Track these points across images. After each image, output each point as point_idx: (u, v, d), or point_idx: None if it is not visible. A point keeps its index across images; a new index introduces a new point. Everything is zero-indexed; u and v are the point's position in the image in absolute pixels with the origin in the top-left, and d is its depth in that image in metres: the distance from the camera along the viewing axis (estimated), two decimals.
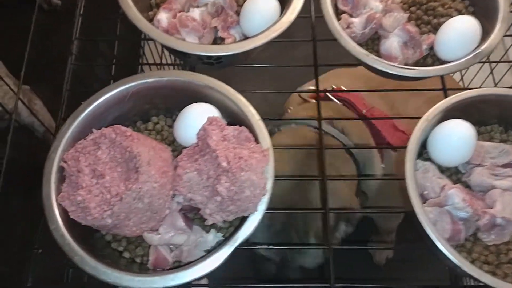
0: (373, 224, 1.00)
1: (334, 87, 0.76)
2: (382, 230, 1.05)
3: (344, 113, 0.77)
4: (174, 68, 1.25)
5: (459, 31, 0.62)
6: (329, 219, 0.58)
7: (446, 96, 0.67)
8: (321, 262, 0.67)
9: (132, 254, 0.54)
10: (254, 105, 0.54)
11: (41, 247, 0.59)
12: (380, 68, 0.60)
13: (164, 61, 1.10)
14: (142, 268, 0.54)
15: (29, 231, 0.73)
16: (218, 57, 0.62)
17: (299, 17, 0.62)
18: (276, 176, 0.50)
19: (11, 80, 1.02)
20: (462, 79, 0.98)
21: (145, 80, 0.57)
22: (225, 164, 0.48)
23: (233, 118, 0.55)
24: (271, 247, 0.57)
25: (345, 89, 0.76)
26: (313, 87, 0.82)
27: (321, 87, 0.70)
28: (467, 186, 0.57)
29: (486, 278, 0.49)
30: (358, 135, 0.77)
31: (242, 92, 0.56)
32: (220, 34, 0.64)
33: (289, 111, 0.85)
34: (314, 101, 0.79)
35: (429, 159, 0.59)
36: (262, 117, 0.54)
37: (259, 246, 0.55)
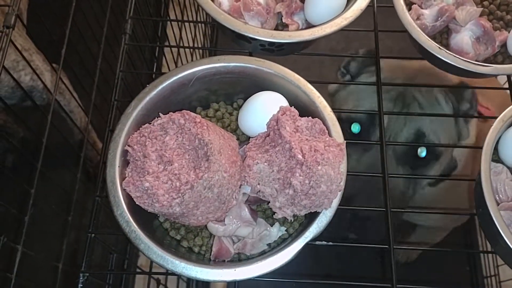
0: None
1: None
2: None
3: None
4: (206, 51, 1.23)
5: None
6: (391, 218, 0.57)
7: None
8: None
9: (190, 244, 0.53)
10: None
11: (94, 231, 0.57)
12: (453, 63, 0.57)
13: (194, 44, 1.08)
14: (200, 259, 0.53)
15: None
16: (281, 44, 0.60)
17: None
18: None
19: (40, 56, 1.01)
20: None
21: (212, 65, 0.54)
22: (300, 157, 0.46)
23: (302, 109, 0.53)
24: (330, 243, 0.56)
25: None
26: None
27: None
28: None
29: None
30: None
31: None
32: (283, 20, 0.62)
33: None
34: None
35: (498, 160, 0.57)
36: None
37: (317, 242, 0.54)
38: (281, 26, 0.63)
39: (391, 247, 0.56)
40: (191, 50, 1.13)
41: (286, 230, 0.52)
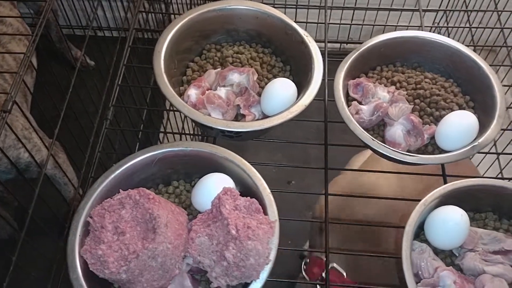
0: None
1: None
2: None
3: None
4: (193, 137, 1.35)
5: (458, 125, 0.67)
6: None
7: (445, 182, 0.72)
8: None
9: None
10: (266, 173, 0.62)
11: None
12: (384, 152, 0.65)
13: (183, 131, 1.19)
14: None
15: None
16: (238, 132, 0.69)
17: (313, 99, 0.70)
18: None
19: (39, 133, 1.12)
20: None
21: (171, 149, 0.63)
22: (234, 232, 0.53)
23: (247, 189, 0.61)
24: None
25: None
26: None
27: None
28: (459, 269, 0.61)
29: None
30: None
31: (256, 164, 0.62)
32: (242, 111, 0.71)
33: None
34: None
35: (425, 240, 0.63)
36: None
37: None
38: (241, 116, 0.73)
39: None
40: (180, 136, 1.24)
41: None
